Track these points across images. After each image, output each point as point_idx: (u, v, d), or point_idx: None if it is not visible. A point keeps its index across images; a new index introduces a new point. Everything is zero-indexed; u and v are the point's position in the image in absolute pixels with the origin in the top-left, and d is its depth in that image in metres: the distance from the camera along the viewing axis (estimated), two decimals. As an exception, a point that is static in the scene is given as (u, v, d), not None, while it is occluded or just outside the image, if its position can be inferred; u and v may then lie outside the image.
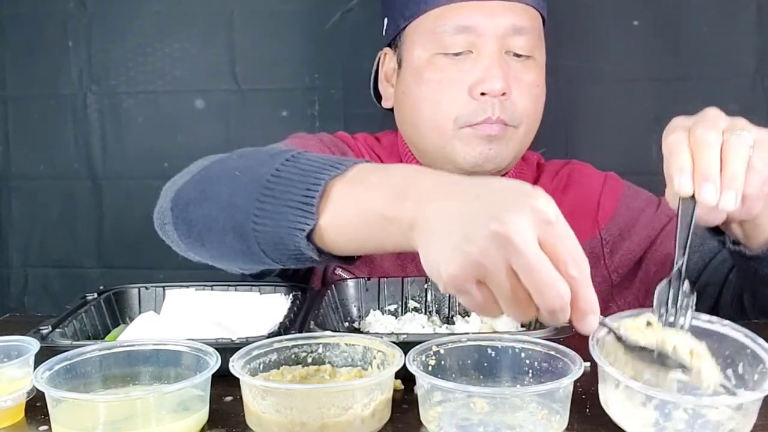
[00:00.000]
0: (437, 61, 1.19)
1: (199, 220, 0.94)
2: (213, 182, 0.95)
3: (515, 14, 1.19)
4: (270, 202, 0.85)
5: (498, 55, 1.18)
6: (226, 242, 0.91)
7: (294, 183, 0.84)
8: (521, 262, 0.67)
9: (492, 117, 1.17)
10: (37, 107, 1.67)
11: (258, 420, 0.77)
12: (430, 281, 1.12)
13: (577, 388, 0.79)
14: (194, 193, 0.96)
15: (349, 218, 0.82)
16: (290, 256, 0.87)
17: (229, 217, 0.89)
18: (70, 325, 0.97)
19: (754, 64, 1.52)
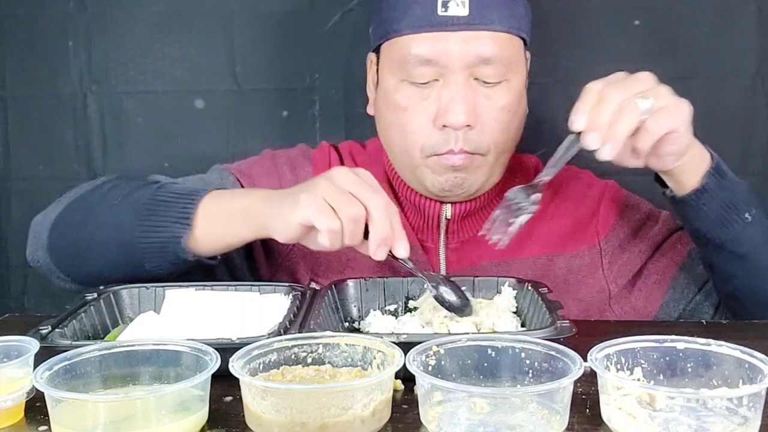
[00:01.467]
0: (404, 89, 1.18)
1: (82, 240, 1.16)
2: (92, 207, 1.18)
3: (481, 43, 1.14)
4: (151, 219, 1.11)
5: (464, 84, 1.15)
6: (109, 255, 1.14)
7: (170, 203, 1.11)
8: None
9: (455, 149, 1.15)
10: (37, 107, 1.67)
11: (258, 420, 0.77)
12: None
13: (577, 388, 0.79)
14: (76, 217, 1.18)
15: (217, 218, 1.10)
16: (169, 261, 1.11)
17: (114, 233, 1.13)
18: (70, 325, 0.97)
19: (755, 65, 1.52)
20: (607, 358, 0.81)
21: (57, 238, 1.18)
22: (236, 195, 1.16)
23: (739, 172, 1.53)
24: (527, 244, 1.25)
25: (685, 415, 0.75)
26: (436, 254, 1.26)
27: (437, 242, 1.26)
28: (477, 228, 1.24)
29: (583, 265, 1.26)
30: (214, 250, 1.13)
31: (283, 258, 1.27)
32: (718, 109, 1.54)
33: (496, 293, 1.11)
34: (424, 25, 1.15)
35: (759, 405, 0.74)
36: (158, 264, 1.12)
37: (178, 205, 1.11)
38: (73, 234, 1.18)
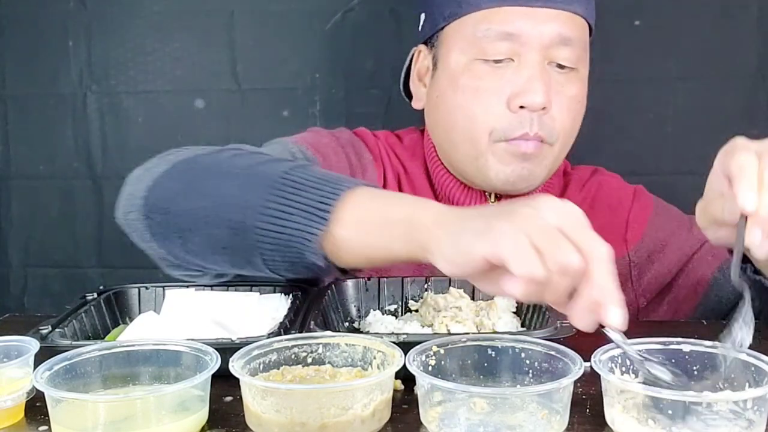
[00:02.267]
0: (476, 68, 1.13)
1: (184, 212, 0.95)
2: (202, 176, 0.96)
3: (562, 23, 1.12)
4: (279, 202, 0.87)
5: (541, 65, 1.11)
6: (214, 237, 0.92)
7: (307, 188, 0.87)
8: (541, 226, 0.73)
9: (529, 133, 1.11)
10: (37, 107, 1.67)
11: (258, 420, 0.77)
12: (430, 281, 1.12)
13: (577, 388, 0.79)
14: (179, 185, 0.97)
15: (363, 227, 0.86)
16: (289, 260, 0.89)
17: (227, 212, 0.91)
18: (70, 325, 0.97)
19: (755, 64, 1.52)
20: (611, 360, 0.81)
21: (154, 203, 0.97)
22: (397, 199, 0.90)
23: (740, 172, 1.54)
24: None
25: (690, 419, 0.75)
26: None
27: None
28: None
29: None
30: (354, 260, 0.89)
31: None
32: (718, 109, 1.54)
33: (496, 293, 1.10)
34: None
35: (764, 408, 0.74)
36: (275, 261, 0.91)
37: (318, 192, 0.87)
38: (175, 204, 0.96)
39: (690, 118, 1.55)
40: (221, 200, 0.92)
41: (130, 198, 1.00)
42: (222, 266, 0.99)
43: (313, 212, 0.86)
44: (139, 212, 0.98)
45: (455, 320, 1.03)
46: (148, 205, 0.97)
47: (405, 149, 1.28)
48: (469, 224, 0.78)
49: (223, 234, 0.91)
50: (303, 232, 0.86)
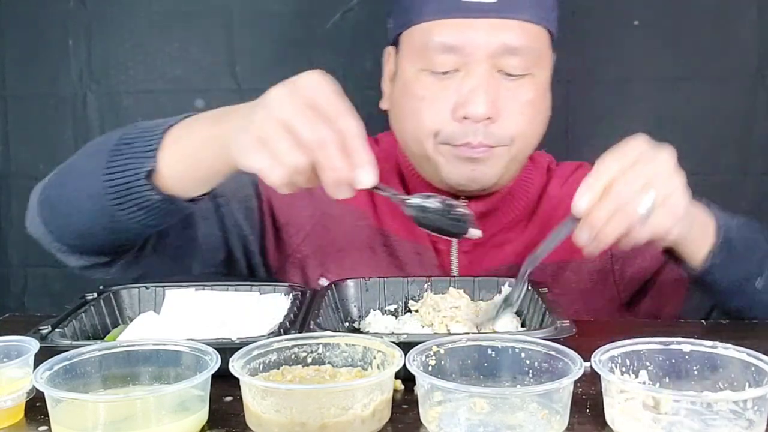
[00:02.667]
0: (423, 78, 1.14)
1: (61, 198, 1.08)
2: (69, 164, 1.10)
3: (509, 32, 1.11)
4: (117, 159, 1.00)
5: (487, 76, 1.11)
6: (85, 208, 1.04)
7: (136, 140, 1.00)
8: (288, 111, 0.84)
9: (473, 142, 1.12)
10: (37, 107, 1.67)
11: (258, 420, 0.77)
12: (430, 281, 1.12)
13: (577, 388, 0.79)
14: (55, 178, 1.11)
15: (183, 151, 0.98)
16: (138, 204, 1.00)
17: (85, 183, 1.04)
18: (70, 325, 0.97)
19: (755, 64, 1.52)
20: (611, 360, 0.81)
21: (43, 200, 1.11)
22: (200, 121, 1.00)
23: (739, 172, 1.54)
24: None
25: (690, 419, 0.75)
26: (448, 257, 1.23)
27: (449, 244, 1.23)
28: (491, 231, 1.22)
29: (593, 272, 1.23)
30: (188, 188, 1.01)
31: (293, 250, 1.25)
32: (718, 109, 1.54)
33: (497, 293, 1.11)
34: (448, 10, 1.11)
35: (764, 408, 0.74)
36: (129, 210, 1.01)
37: (143, 139, 1.00)
38: (56, 193, 1.10)
39: (690, 118, 1.55)
40: (81, 177, 1.06)
41: (30, 206, 1.13)
42: (107, 236, 1.07)
43: (141, 156, 0.99)
44: (36, 214, 1.11)
45: (455, 320, 1.03)
46: (40, 205, 1.11)
47: (381, 151, 1.30)
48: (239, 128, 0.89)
49: (89, 204, 1.03)
50: (137, 175, 0.98)
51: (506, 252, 1.23)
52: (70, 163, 1.11)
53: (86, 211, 1.04)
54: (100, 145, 1.06)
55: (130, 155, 1.00)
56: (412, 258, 1.23)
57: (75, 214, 1.06)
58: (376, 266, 1.21)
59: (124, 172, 0.99)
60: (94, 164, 1.03)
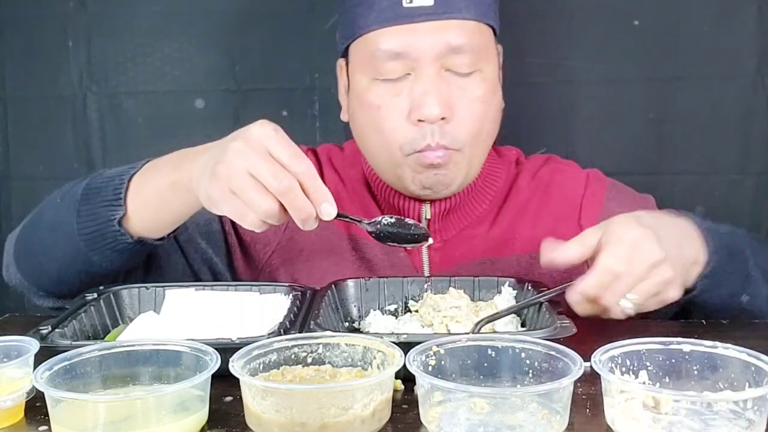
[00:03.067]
0: (376, 87, 1.16)
1: (35, 245, 1.16)
2: (40, 215, 1.18)
3: (451, 32, 1.13)
4: (86, 208, 1.08)
5: (436, 77, 1.13)
6: (59, 255, 1.11)
7: (101, 189, 1.09)
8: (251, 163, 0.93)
9: (431, 144, 1.13)
10: (37, 107, 1.67)
11: (258, 420, 0.77)
12: (430, 281, 1.12)
13: (577, 388, 0.79)
14: (28, 229, 1.18)
15: (148, 197, 1.06)
16: (111, 248, 1.08)
17: (58, 232, 1.11)
18: (70, 325, 0.97)
19: (755, 64, 1.52)
20: (611, 360, 0.81)
21: (19, 250, 1.19)
22: (163, 168, 1.08)
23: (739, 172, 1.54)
24: (511, 243, 1.24)
25: (690, 419, 0.75)
26: (419, 255, 1.24)
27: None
28: (458, 226, 1.24)
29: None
30: (156, 229, 1.10)
31: (263, 264, 1.27)
32: (718, 109, 1.54)
33: (496, 293, 1.11)
34: (390, 18, 1.14)
35: (764, 408, 0.74)
36: (103, 254, 1.09)
37: (110, 188, 1.08)
38: (29, 242, 1.18)
39: (690, 118, 1.55)
40: (53, 227, 1.13)
41: (6, 257, 1.21)
42: (81, 279, 1.13)
43: (110, 203, 1.07)
44: (14, 264, 1.19)
45: (455, 320, 1.03)
46: (15, 255, 1.19)
47: (344, 158, 1.33)
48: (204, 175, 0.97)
49: (63, 251, 1.11)
50: (109, 222, 1.07)
51: (476, 246, 1.24)
52: (40, 214, 1.18)
53: (60, 257, 1.12)
54: (67, 195, 1.13)
55: (98, 203, 1.08)
56: (381, 259, 1.24)
57: (50, 262, 1.13)
58: (345, 271, 1.22)
59: (95, 218, 1.08)
60: (64, 214, 1.11)
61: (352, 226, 1.24)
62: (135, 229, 1.08)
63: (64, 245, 1.10)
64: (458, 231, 1.25)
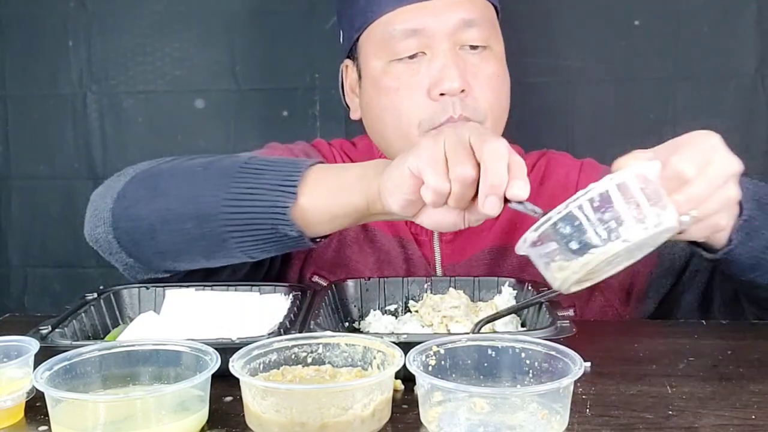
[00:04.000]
0: (393, 69, 1.18)
1: (151, 214, 1.04)
2: (167, 179, 1.06)
3: (462, 7, 1.17)
4: (241, 186, 0.99)
5: (452, 52, 1.16)
6: (183, 231, 1.02)
7: (265, 172, 0.99)
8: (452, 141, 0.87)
9: (454, 116, 1.14)
10: (37, 107, 1.67)
11: (258, 420, 0.77)
12: (430, 281, 1.12)
13: (577, 388, 0.79)
14: (143, 191, 1.07)
15: (325, 191, 0.98)
16: (262, 237, 1.00)
17: (193, 204, 1.01)
18: (70, 325, 0.97)
19: (754, 64, 1.52)
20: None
21: (122, 212, 1.07)
22: (346, 166, 1.07)
23: (739, 172, 1.54)
24: (516, 232, 1.24)
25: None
26: (431, 247, 1.25)
27: (431, 235, 1.26)
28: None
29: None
30: (321, 225, 1.00)
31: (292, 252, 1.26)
32: (719, 109, 1.54)
33: (496, 293, 1.11)
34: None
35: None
36: (246, 241, 1.01)
37: (280, 173, 0.99)
38: (142, 208, 1.05)
39: (690, 118, 1.55)
40: (186, 196, 1.02)
41: (96, 213, 1.09)
42: (194, 259, 1.07)
43: (280, 189, 0.98)
44: (106, 225, 1.07)
45: (455, 320, 1.03)
46: (115, 216, 1.07)
47: (358, 153, 1.34)
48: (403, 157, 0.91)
49: (192, 226, 1.01)
50: (275, 208, 0.97)
51: (485, 237, 1.25)
52: (160, 175, 1.08)
53: (184, 232, 1.02)
54: (213, 167, 1.04)
55: (262, 185, 0.99)
56: (396, 251, 1.25)
57: (167, 233, 1.04)
58: (364, 261, 1.24)
59: (254, 201, 0.98)
60: (207, 187, 1.01)
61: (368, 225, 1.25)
62: (304, 219, 0.99)
63: (197, 220, 1.01)
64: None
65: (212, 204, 1.00)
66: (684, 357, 0.96)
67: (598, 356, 0.91)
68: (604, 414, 0.81)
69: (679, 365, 0.94)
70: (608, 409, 0.82)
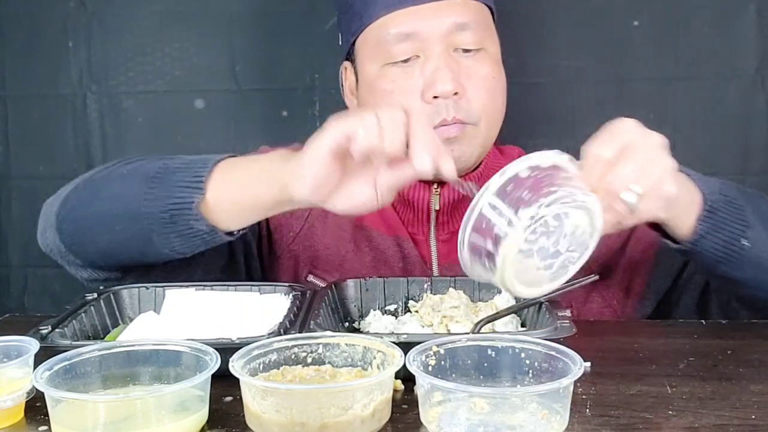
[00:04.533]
0: (387, 72, 1.19)
1: (90, 216, 1.11)
2: (102, 183, 1.13)
3: (455, 11, 1.18)
4: (159, 186, 1.04)
5: (445, 55, 1.17)
6: (116, 229, 1.07)
7: (178, 171, 1.04)
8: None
9: (447, 118, 1.15)
10: (37, 107, 1.67)
11: (258, 420, 0.77)
12: (430, 281, 1.12)
13: (577, 388, 0.79)
14: (84, 194, 1.13)
15: (234, 182, 1.02)
16: (180, 232, 1.03)
17: (121, 205, 1.07)
18: (70, 326, 0.97)
19: (754, 65, 1.52)
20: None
21: (65, 215, 1.13)
22: (254, 158, 1.09)
23: (739, 172, 1.54)
24: None
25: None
26: (428, 247, 1.26)
27: (428, 234, 1.26)
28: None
29: None
30: (231, 219, 1.04)
31: (283, 250, 1.28)
32: (718, 109, 1.54)
33: (496, 293, 1.11)
34: (397, 3, 1.18)
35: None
36: (167, 237, 1.05)
37: (190, 170, 1.04)
38: (81, 210, 1.12)
39: (690, 118, 1.55)
40: (116, 199, 1.09)
41: (44, 220, 1.16)
42: (132, 257, 1.10)
43: (189, 185, 1.02)
44: (53, 228, 1.14)
45: (455, 320, 1.03)
46: (59, 219, 1.13)
47: None
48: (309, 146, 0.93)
49: (123, 226, 1.06)
50: (184, 203, 1.02)
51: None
52: (97, 182, 1.14)
53: (116, 231, 1.07)
54: (137, 170, 1.10)
55: (174, 183, 1.03)
56: (392, 250, 1.26)
57: (103, 233, 1.09)
58: (361, 261, 1.25)
59: (168, 199, 1.03)
60: (132, 188, 1.07)
61: (365, 217, 1.25)
62: (211, 215, 1.03)
63: (125, 220, 1.06)
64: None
65: (135, 205, 1.05)
66: (684, 357, 0.96)
67: (598, 356, 0.91)
68: (604, 414, 0.81)
69: (679, 365, 0.94)
70: (608, 409, 0.82)
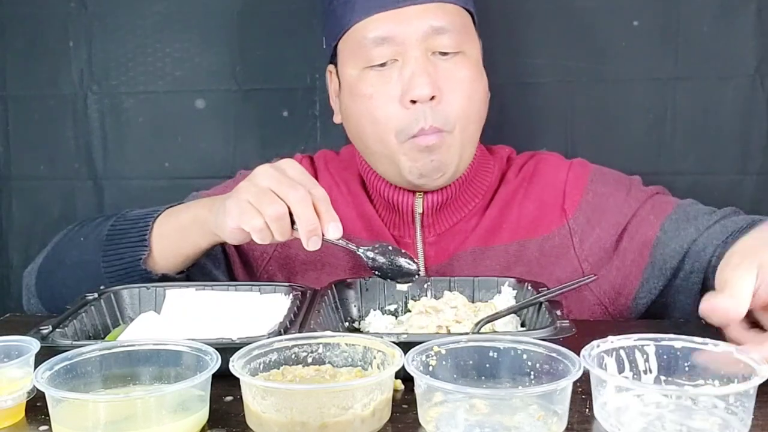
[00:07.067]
0: (366, 76, 1.20)
1: (59, 282, 1.24)
2: (61, 253, 1.27)
3: (432, 15, 1.18)
4: (112, 249, 1.18)
5: (423, 59, 1.18)
6: (84, 290, 1.13)
7: (127, 231, 1.19)
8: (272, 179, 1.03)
9: (425, 127, 1.16)
10: (37, 107, 1.67)
11: (258, 420, 0.78)
12: (430, 281, 1.13)
13: (576, 388, 0.79)
14: (51, 266, 1.27)
15: (171, 234, 1.16)
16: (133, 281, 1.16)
17: (82, 272, 1.21)
18: (71, 325, 0.97)
19: (754, 64, 1.52)
20: (606, 353, 0.82)
21: (41, 285, 1.27)
22: (186, 208, 1.20)
23: (739, 172, 1.54)
24: (499, 232, 1.26)
25: (676, 413, 0.76)
26: (414, 249, 1.26)
27: (414, 237, 1.27)
28: (451, 220, 1.27)
29: (554, 247, 1.25)
30: (176, 264, 1.18)
31: (260, 269, 1.29)
32: (718, 109, 1.54)
33: (496, 293, 1.11)
34: (374, 7, 1.19)
35: (749, 404, 0.75)
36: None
37: (135, 230, 1.18)
38: (52, 279, 1.25)
39: (690, 118, 1.55)
40: (77, 267, 1.22)
41: (26, 291, 1.31)
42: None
43: (135, 245, 1.16)
44: (35, 297, 1.29)
45: (455, 320, 1.03)
46: (38, 289, 1.28)
47: (340, 162, 1.36)
48: (221, 207, 1.06)
49: (89, 286, 1.14)
50: (134, 261, 1.16)
51: (468, 238, 1.26)
52: (61, 251, 1.27)
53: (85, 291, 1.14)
54: (91, 235, 1.23)
55: (124, 244, 1.18)
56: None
57: (74, 295, 1.13)
58: (342, 272, 1.24)
59: (122, 258, 1.17)
60: (90, 254, 1.20)
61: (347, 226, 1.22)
62: (158, 266, 1.17)
63: (89, 282, 1.15)
64: (451, 225, 1.27)
65: (94, 269, 1.19)
66: (684, 357, 0.96)
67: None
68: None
69: (679, 365, 0.94)
70: (608, 409, 0.82)
